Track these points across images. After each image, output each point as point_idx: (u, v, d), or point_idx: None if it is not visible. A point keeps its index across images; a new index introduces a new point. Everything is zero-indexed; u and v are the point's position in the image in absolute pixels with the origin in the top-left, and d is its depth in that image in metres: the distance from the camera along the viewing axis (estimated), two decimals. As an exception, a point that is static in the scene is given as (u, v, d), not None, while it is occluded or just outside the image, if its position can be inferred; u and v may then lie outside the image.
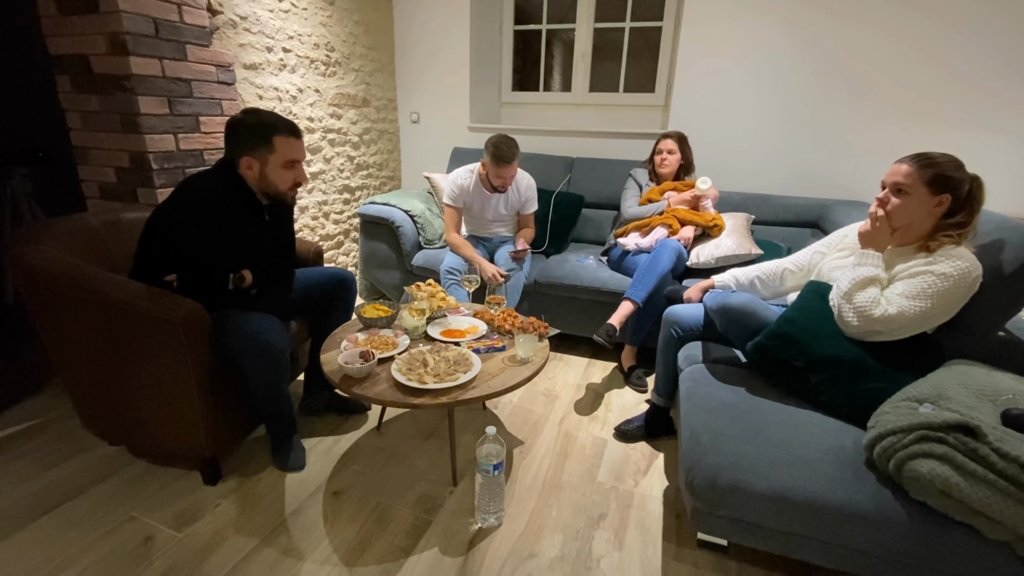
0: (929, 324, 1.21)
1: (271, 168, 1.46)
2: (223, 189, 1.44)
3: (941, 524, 0.96)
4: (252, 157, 1.44)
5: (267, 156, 1.44)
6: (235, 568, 1.23)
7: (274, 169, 1.46)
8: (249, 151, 1.43)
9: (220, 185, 1.44)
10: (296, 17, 2.43)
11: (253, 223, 1.54)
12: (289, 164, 1.47)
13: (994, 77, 2.24)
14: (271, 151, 1.43)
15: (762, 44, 2.52)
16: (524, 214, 2.47)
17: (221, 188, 1.44)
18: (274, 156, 1.44)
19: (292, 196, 1.54)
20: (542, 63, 3.19)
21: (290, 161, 1.47)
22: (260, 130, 1.43)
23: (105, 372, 1.40)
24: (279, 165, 1.46)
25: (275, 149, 1.44)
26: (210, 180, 1.45)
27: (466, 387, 1.35)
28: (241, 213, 1.49)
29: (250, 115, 1.46)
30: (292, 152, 1.46)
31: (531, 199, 2.45)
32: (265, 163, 1.45)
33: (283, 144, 1.44)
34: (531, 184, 2.44)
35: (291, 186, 1.51)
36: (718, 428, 1.18)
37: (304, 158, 1.51)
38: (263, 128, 1.43)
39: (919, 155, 1.26)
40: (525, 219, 2.49)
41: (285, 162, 1.46)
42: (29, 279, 1.35)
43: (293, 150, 1.46)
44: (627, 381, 2.18)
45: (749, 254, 2.14)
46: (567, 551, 1.32)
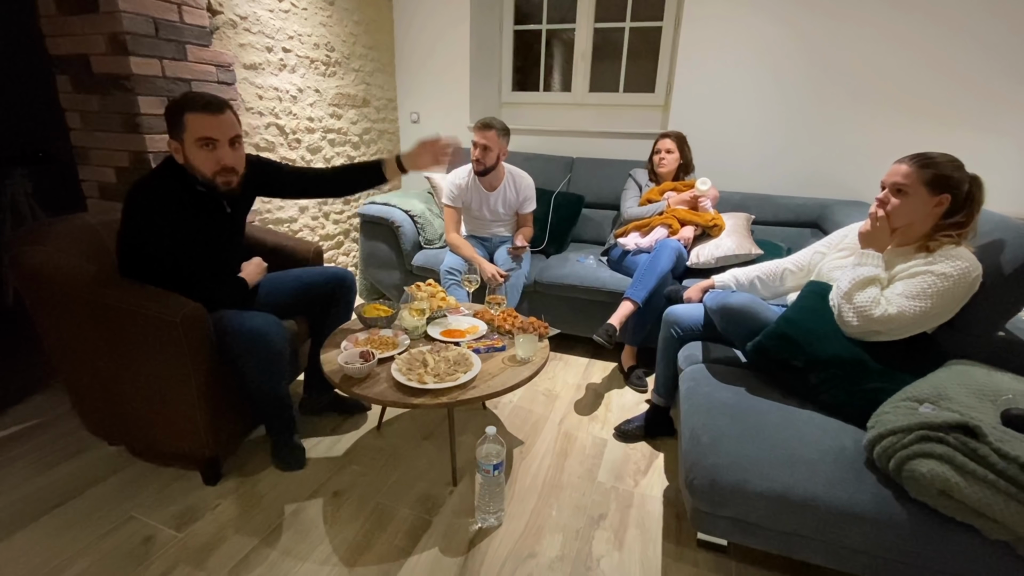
0: (929, 324, 1.21)
1: (189, 150, 1.33)
2: (166, 185, 1.36)
3: (941, 524, 0.95)
4: (173, 139, 1.34)
5: (181, 135, 1.32)
6: (235, 568, 1.23)
7: (191, 150, 1.33)
8: (171, 134, 1.34)
9: (162, 181, 1.36)
10: (296, 17, 2.43)
11: (212, 216, 1.45)
12: (203, 142, 1.32)
13: (993, 78, 2.25)
14: (183, 130, 1.31)
15: (762, 44, 2.52)
16: (523, 213, 2.47)
17: (163, 184, 1.36)
18: (187, 135, 1.31)
19: (225, 183, 1.37)
20: (542, 63, 3.19)
21: (202, 139, 1.31)
22: (173, 109, 1.31)
23: (105, 372, 1.40)
24: (193, 144, 1.32)
25: (186, 127, 1.30)
26: (151, 179, 1.37)
27: (466, 387, 1.35)
28: (193, 206, 1.40)
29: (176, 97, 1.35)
30: (204, 129, 1.31)
31: (529, 198, 2.45)
32: (183, 144, 1.33)
33: (194, 121, 1.30)
34: (529, 184, 2.44)
35: (215, 170, 1.35)
36: (718, 428, 1.18)
37: (227, 136, 1.34)
38: (175, 107, 1.31)
39: (918, 155, 1.26)
40: (524, 219, 2.49)
41: (197, 140, 1.31)
42: (29, 279, 1.35)
43: (205, 127, 1.31)
44: (627, 381, 2.18)
45: (749, 254, 2.14)
46: (567, 551, 1.32)
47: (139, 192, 1.35)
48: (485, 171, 2.29)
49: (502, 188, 2.38)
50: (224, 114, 1.34)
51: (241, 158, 1.42)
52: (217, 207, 1.48)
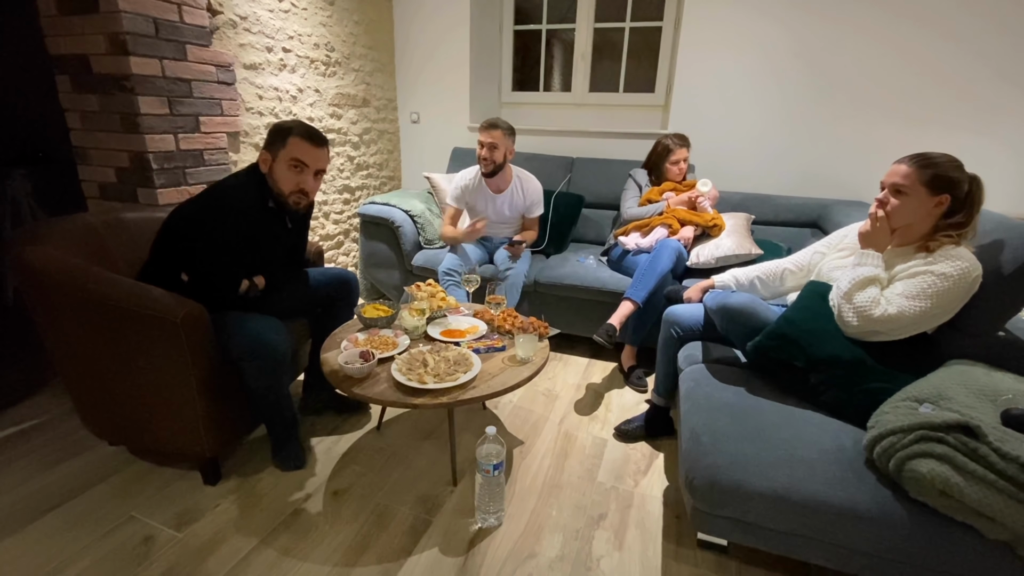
0: (929, 324, 1.21)
1: (279, 164, 1.47)
2: (248, 193, 1.48)
3: (941, 524, 0.95)
4: (267, 151, 1.48)
5: (278, 152, 1.47)
6: (235, 568, 1.23)
7: (280, 166, 1.47)
8: (268, 146, 1.49)
9: (245, 189, 1.48)
10: (296, 17, 2.43)
11: (275, 229, 1.57)
12: (294, 163, 1.47)
13: (983, 82, 2.26)
14: (282, 147, 1.46)
15: (762, 45, 2.52)
16: (529, 218, 2.47)
17: (246, 192, 1.48)
18: (283, 152, 1.46)
19: (295, 202, 1.52)
20: (542, 63, 3.19)
21: (295, 160, 1.46)
22: (282, 129, 1.48)
23: (105, 372, 1.40)
24: (285, 162, 1.47)
25: (286, 145, 1.46)
26: (237, 183, 1.49)
27: (466, 387, 1.35)
28: (263, 218, 1.52)
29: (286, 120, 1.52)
30: (299, 152, 1.46)
31: (537, 203, 2.45)
32: (275, 159, 1.47)
33: (295, 143, 1.46)
34: (537, 188, 2.43)
35: (294, 190, 1.50)
36: (718, 428, 1.18)
37: (316, 167, 1.51)
38: (284, 128, 1.48)
39: (918, 155, 1.26)
40: (530, 222, 2.49)
41: (290, 159, 1.46)
42: (29, 279, 1.35)
43: (301, 151, 1.47)
44: (627, 381, 2.18)
45: (749, 254, 2.14)
46: (567, 551, 1.32)
47: (227, 190, 1.46)
48: (493, 171, 2.28)
49: (509, 191, 2.37)
50: (323, 149, 1.51)
51: (317, 188, 1.57)
52: (281, 222, 1.60)
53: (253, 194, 1.49)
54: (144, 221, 1.68)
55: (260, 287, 1.58)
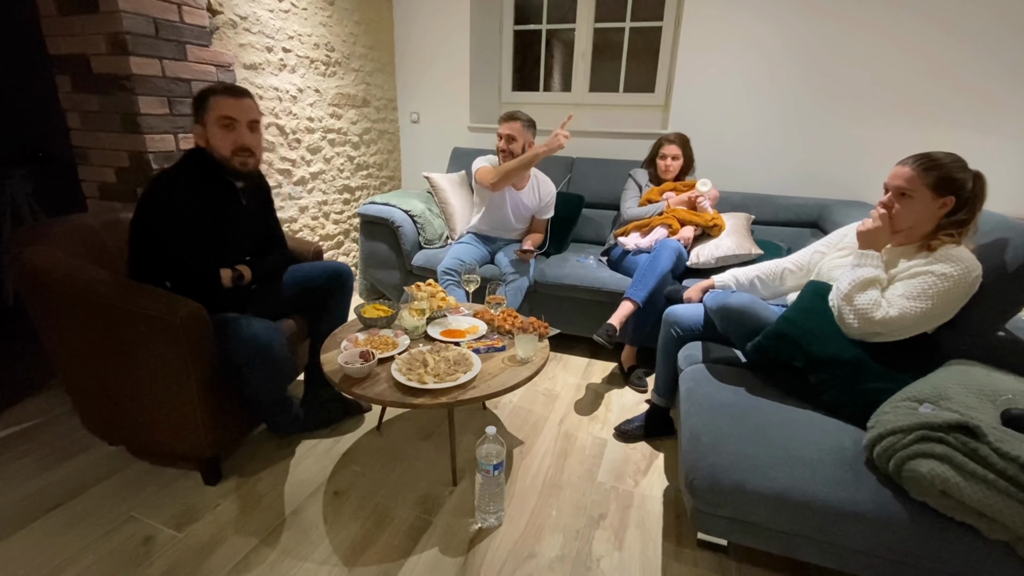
0: (930, 324, 1.21)
1: (210, 131, 1.40)
2: (188, 176, 1.41)
3: (941, 524, 0.95)
4: (197, 124, 1.42)
5: (205, 117, 1.40)
6: (235, 568, 1.23)
7: (213, 131, 1.40)
8: (195, 119, 1.42)
9: (184, 173, 1.42)
10: (296, 17, 2.43)
11: (228, 208, 1.50)
12: (224, 121, 1.39)
13: (990, 79, 2.25)
14: (207, 111, 1.39)
15: (762, 44, 2.52)
16: (540, 219, 2.46)
17: (185, 176, 1.41)
18: (210, 116, 1.39)
19: (241, 163, 1.44)
20: (542, 63, 3.19)
21: (224, 117, 1.39)
22: (200, 95, 1.41)
23: (105, 372, 1.40)
24: (215, 125, 1.40)
25: (210, 108, 1.39)
26: (173, 170, 1.42)
27: (466, 387, 1.35)
28: (212, 198, 1.45)
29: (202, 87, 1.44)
30: (226, 108, 1.39)
31: (549, 205, 2.44)
32: (206, 126, 1.40)
33: (217, 102, 1.39)
34: (552, 191, 2.43)
35: (234, 148, 1.42)
36: (718, 428, 1.18)
37: (246, 119, 1.42)
38: (202, 93, 1.41)
39: (921, 157, 1.24)
40: (538, 224, 2.48)
41: (218, 119, 1.39)
42: (29, 279, 1.35)
43: (226, 107, 1.39)
44: (627, 381, 2.18)
45: (749, 254, 2.14)
46: (567, 551, 1.32)
47: (159, 182, 1.40)
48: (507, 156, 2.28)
49: (527, 189, 2.38)
50: (245, 99, 1.44)
51: (259, 142, 1.49)
52: (234, 198, 1.53)
53: (193, 173, 1.42)
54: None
55: (247, 278, 1.54)
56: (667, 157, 2.39)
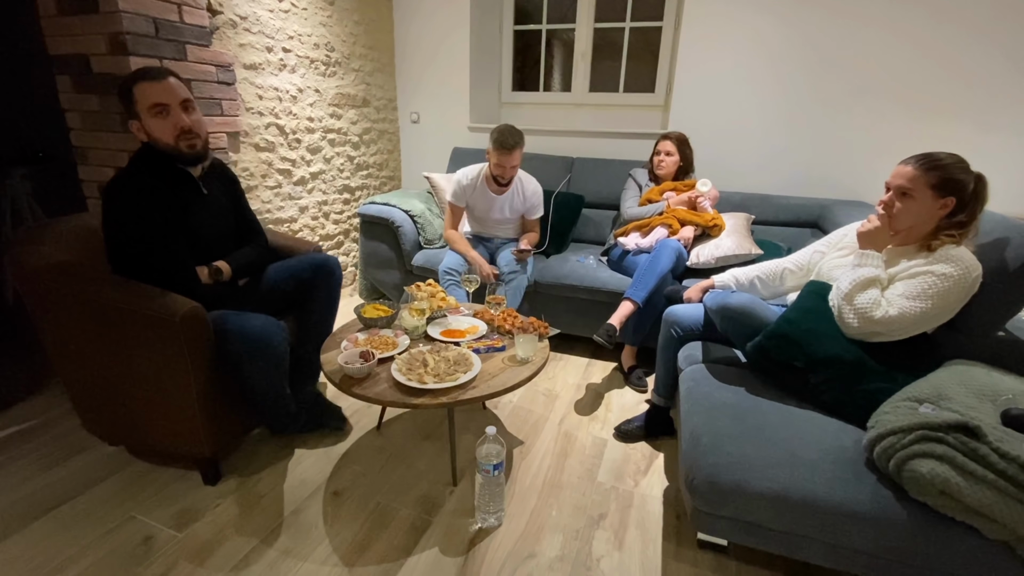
0: (930, 324, 1.21)
1: (147, 122, 1.34)
2: (141, 175, 1.37)
3: (941, 524, 0.95)
4: (131, 118, 1.36)
5: (135, 108, 1.33)
6: (235, 568, 1.23)
7: (149, 122, 1.34)
8: (129, 114, 1.36)
9: (137, 172, 1.37)
10: (296, 17, 2.43)
11: (190, 200, 1.47)
12: (156, 110, 1.33)
13: (997, 75, 2.24)
14: (135, 103, 1.33)
15: (762, 44, 2.52)
16: (529, 219, 2.46)
17: (138, 175, 1.37)
18: (140, 107, 1.33)
19: (190, 146, 1.39)
20: (542, 63, 3.19)
21: (154, 106, 1.32)
22: (122, 89, 1.34)
23: (105, 372, 1.40)
24: (149, 115, 1.33)
25: (136, 99, 1.33)
26: (125, 171, 1.38)
27: (466, 387, 1.35)
28: (169, 193, 1.41)
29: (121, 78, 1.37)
30: (152, 96, 1.32)
31: (537, 205, 2.43)
32: (140, 118, 1.35)
33: (141, 91, 1.32)
34: (537, 190, 2.42)
35: (175, 134, 1.36)
36: (718, 428, 1.18)
37: (177, 100, 1.36)
38: (122, 86, 1.33)
39: (924, 157, 1.24)
40: (531, 224, 2.48)
41: (149, 109, 1.33)
42: (29, 279, 1.35)
43: (153, 94, 1.32)
44: (627, 381, 2.18)
45: (749, 254, 2.14)
46: (567, 551, 1.32)
47: (114, 185, 1.36)
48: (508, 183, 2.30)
49: (510, 192, 2.37)
50: (167, 80, 1.36)
51: (199, 122, 1.43)
52: (194, 189, 1.49)
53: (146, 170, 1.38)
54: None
55: (226, 273, 1.52)
56: (661, 153, 2.40)
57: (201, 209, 1.51)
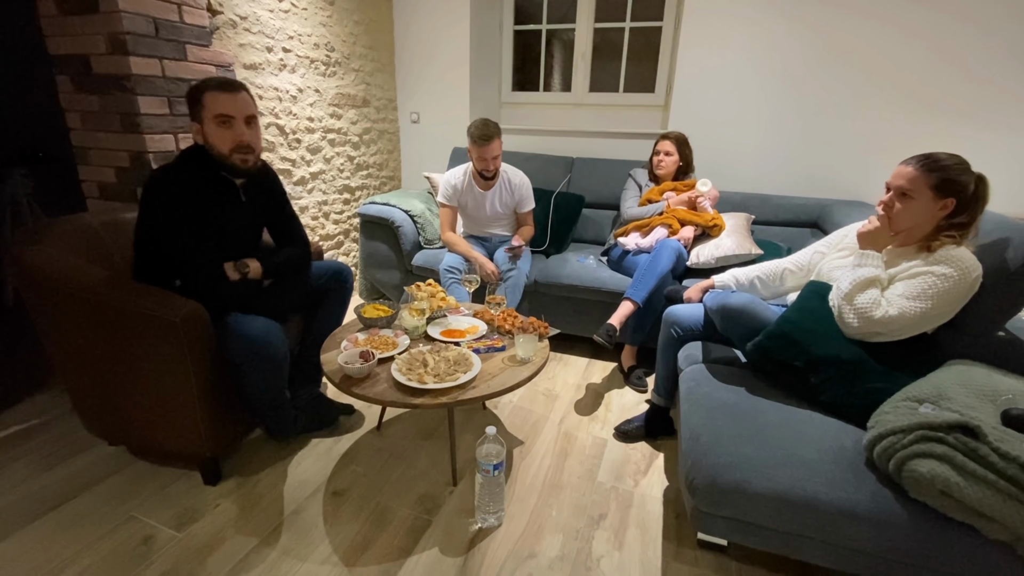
0: (929, 324, 1.21)
1: (208, 129, 1.38)
2: (186, 171, 1.39)
3: (941, 524, 0.95)
4: (195, 122, 1.39)
5: (201, 114, 1.37)
6: (235, 568, 1.23)
7: (210, 129, 1.38)
8: (192, 116, 1.39)
9: (183, 167, 1.39)
10: (296, 17, 2.43)
11: (227, 207, 1.48)
12: (220, 119, 1.37)
13: (998, 74, 2.24)
14: (203, 108, 1.37)
15: (762, 44, 2.52)
16: (521, 212, 2.46)
17: (181, 172, 1.39)
18: (206, 114, 1.37)
19: (242, 160, 1.42)
20: (542, 63, 3.19)
21: (220, 116, 1.36)
22: (193, 92, 1.38)
23: (105, 372, 1.40)
24: (213, 123, 1.37)
25: (205, 105, 1.36)
26: (172, 165, 1.40)
27: (466, 387, 1.35)
28: (210, 196, 1.43)
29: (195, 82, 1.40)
30: (221, 106, 1.36)
31: (526, 197, 2.43)
32: (203, 124, 1.38)
33: (212, 99, 1.36)
34: (524, 182, 2.42)
35: (232, 147, 1.40)
36: (718, 428, 1.18)
37: (243, 115, 1.40)
38: (194, 89, 1.38)
39: (924, 157, 1.24)
40: (523, 217, 2.48)
41: (215, 117, 1.36)
42: (29, 279, 1.35)
43: (221, 104, 1.36)
44: (627, 381, 2.18)
45: (749, 254, 2.14)
46: (567, 551, 1.32)
47: (156, 180, 1.37)
48: (493, 176, 2.30)
49: (497, 187, 2.37)
50: (240, 93, 1.40)
51: (257, 137, 1.47)
52: (233, 196, 1.50)
53: (191, 171, 1.40)
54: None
55: (254, 270, 1.51)
56: (660, 153, 2.40)
57: (236, 215, 1.52)
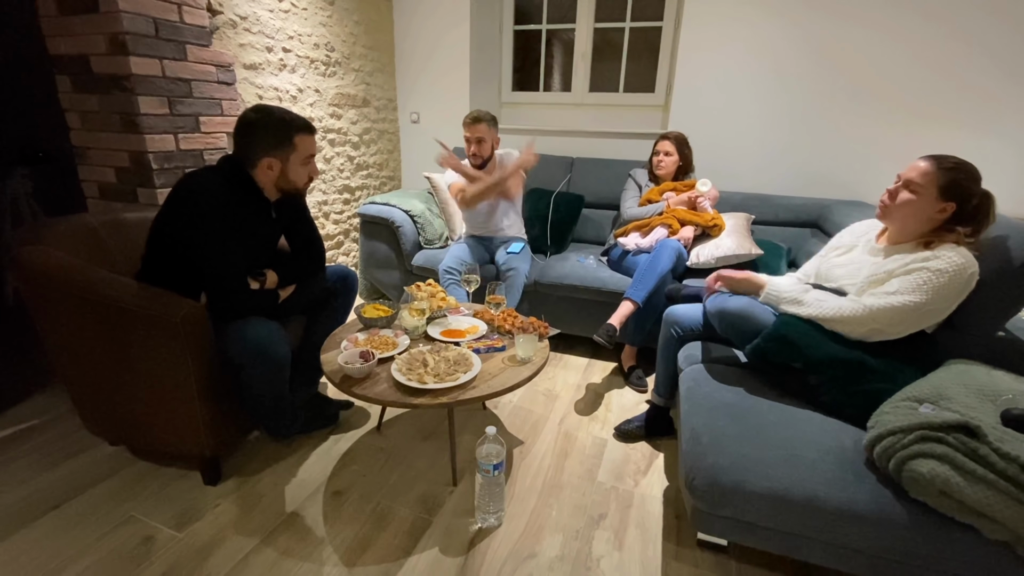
0: (926, 321, 1.21)
1: (291, 166, 1.47)
2: (227, 188, 1.40)
3: (941, 524, 0.96)
4: (273, 158, 1.43)
5: (288, 155, 1.45)
6: (235, 568, 1.23)
7: (294, 167, 1.47)
8: (270, 151, 1.42)
9: (223, 184, 1.40)
10: (296, 17, 2.43)
11: (260, 222, 1.53)
12: (307, 160, 1.50)
13: (992, 79, 2.25)
14: (292, 150, 1.45)
15: (762, 44, 2.52)
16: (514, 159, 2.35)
17: (224, 187, 1.40)
18: (295, 155, 1.46)
19: (307, 191, 1.57)
20: (542, 63, 3.19)
21: (309, 157, 1.49)
22: (281, 129, 1.43)
23: (105, 372, 1.40)
24: (299, 163, 1.47)
25: (296, 148, 1.45)
26: (213, 179, 1.40)
27: (466, 387, 1.35)
28: (247, 213, 1.46)
29: (264, 114, 1.42)
30: (309, 148, 1.48)
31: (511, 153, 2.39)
32: (286, 162, 1.46)
33: (302, 142, 1.46)
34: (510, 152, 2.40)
35: (306, 181, 1.54)
36: (718, 428, 1.18)
37: (316, 152, 1.55)
38: (284, 127, 1.43)
39: (943, 157, 1.25)
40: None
41: (304, 159, 1.48)
42: (29, 279, 1.35)
43: (311, 146, 1.49)
44: (627, 381, 2.18)
45: (749, 254, 2.14)
46: (567, 551, 1.32)
47: (194, 189, 1.36)
48: (483, 164, 2.32)
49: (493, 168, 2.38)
50: (315, 134, 1.53)
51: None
52: (265, 212, 1.55)
53: (228, 187, 1.41)
54: (144, 221, 1.67)
55: (272, 282, 1.54)
56: (660, 153, 2.40)
57: (266, 231, 1.57)
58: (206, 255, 1.37)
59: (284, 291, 1.60)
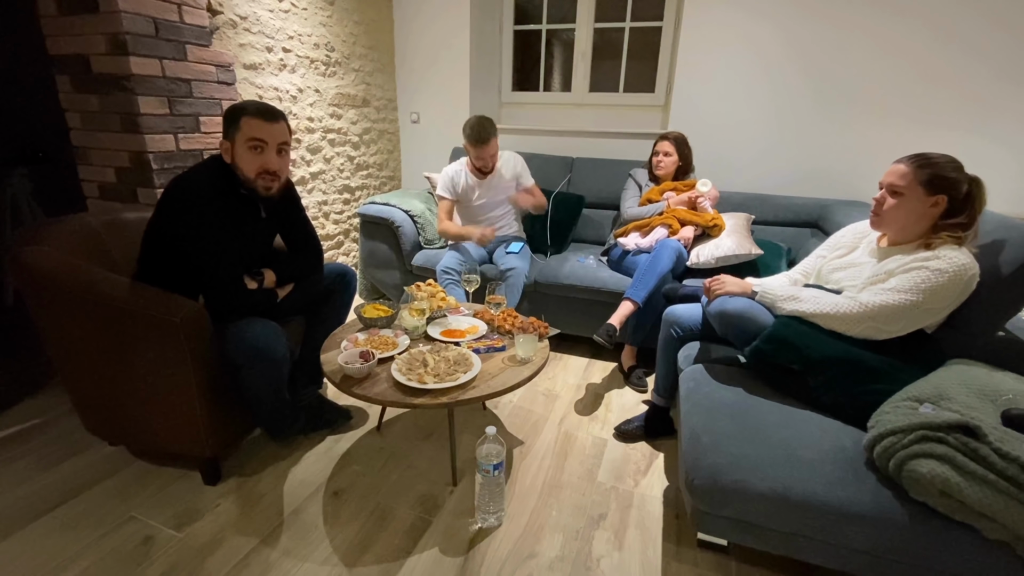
0: (924, 321, 1.21)
1: (238, 150, 1.41)
2: (211, 183, 1.40)
3: (941, 524, 0.95)
4: (226, 140, 1.42)
5: (235, 136, 1.40)
6: (235, 568, 1.23)
7: (240, 150, 1.40)
8: (225, 134, 1.42)
9: (208, 179, 1.41)
10: (296, 17, 2.43)
11: (247, 219, 1.51)
12: (252, 144, 1.40)
13: (984, 82, 2.26)
14: (238, 130, 1.40)
15: (762, 44, 2.52)
16: (526, 186, 2.48)
17: (209, 182, 1.40)
18: (239, 135, 1.39)
19: (265, 187, 1.44)
20: (542, 63, 3.19)
21: (253, 139, 1.39)
22: (232, 112, 1.41)
23: (105, 372, 1.40)
24: (244, 145, 1.40)
25: (240, 128, 1.39)
26: (198, 175, 1.41)
27: (466, 387, 1.35)
28: (233, 208, 1.45)
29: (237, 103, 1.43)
30: (255, 131, 1.39)
31: (523, 172, 2.47)
32: (234, 144, 1.41)
33: (248, 124, 1.39)
34: (515, 158, 2.47)
35: (258, 172, 1.42)
36: (718, 428, 1.18)
37: (276, 143, 1.43)
38: (234, 110, 1.41)
39: (917, 155, 1.26)
40: (530, 190, 2.49)
41: (247, 140, 1.39)
42: (29, 279, 1.35)
43: (257, 129, 1.39)
44: (627, 381, 2.18)
45: (749, 254, 2.13)
46: (567, 551, 1.32)
47: (183, 188, 1.38)
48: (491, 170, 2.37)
49: (497, 172, 2.42)
50: (278, 123, 1.43)
51: (285, 166, 1.49)
52: (254, 211, 1.53)
53: (219, 184, 1.41)
54: (144, 221, 1.66)
55: (270, 281, 1.54)
56: (659, 153, 2.41)
57: (256, 229, 1.55)
58: (200, 253, 1.37)
59: (282, 290, 1.60)
